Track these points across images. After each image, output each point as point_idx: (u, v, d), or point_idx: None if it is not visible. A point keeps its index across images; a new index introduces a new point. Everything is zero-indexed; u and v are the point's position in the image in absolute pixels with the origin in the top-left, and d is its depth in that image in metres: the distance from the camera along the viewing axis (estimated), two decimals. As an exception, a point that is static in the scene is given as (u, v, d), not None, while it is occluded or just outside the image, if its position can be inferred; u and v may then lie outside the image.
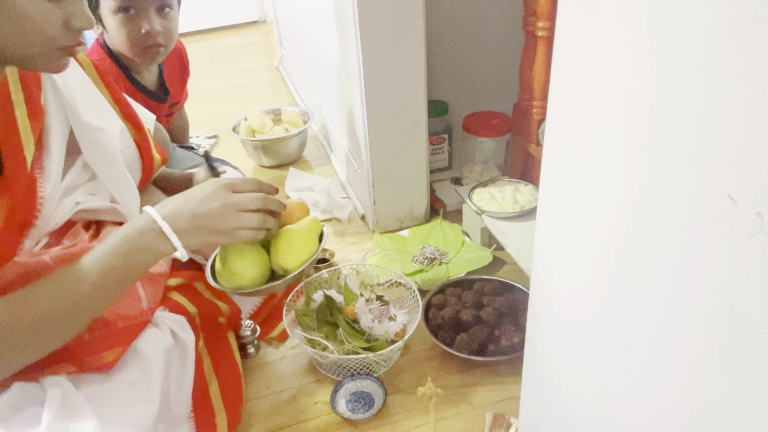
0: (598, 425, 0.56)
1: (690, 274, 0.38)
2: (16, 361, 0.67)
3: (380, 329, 1.05)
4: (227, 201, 0.75)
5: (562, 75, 0.48)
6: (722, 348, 0.37)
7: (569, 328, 0.57)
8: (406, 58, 1.25)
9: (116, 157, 0.91)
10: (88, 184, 0.90)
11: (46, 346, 0.69)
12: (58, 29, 0.68)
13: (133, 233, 0.71)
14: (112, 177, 0.91)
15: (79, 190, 0.88)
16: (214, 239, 0.76)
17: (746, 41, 0.30)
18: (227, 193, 0.76)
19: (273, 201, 0.81)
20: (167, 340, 0.84)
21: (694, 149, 0.35)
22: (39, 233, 0.81)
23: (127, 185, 0.94)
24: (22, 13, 0.65)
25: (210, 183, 0.76)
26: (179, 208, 0.74)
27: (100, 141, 0.88)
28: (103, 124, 0.89)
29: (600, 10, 0.41)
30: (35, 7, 0.65)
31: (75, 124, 0.86)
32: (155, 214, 0.72)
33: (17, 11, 0.64)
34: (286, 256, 0.89)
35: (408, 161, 1.39)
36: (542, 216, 0.58)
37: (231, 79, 2.80)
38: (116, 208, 0.92)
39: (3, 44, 0.67)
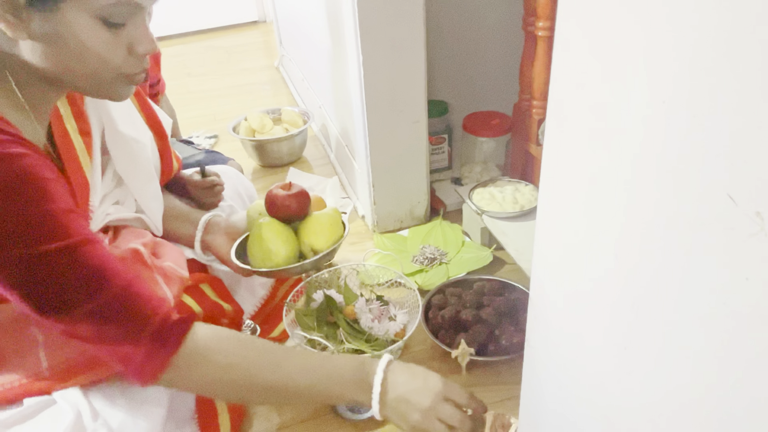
0: (598, 425, 0.56)
1: (690, 274, 0.38)
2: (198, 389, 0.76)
3: (380, 329, 1.05)
4: (436, 407, 0.75)
5: (562, 75, 0.48)
6: (722, 348, 0.37)
7: (569, 328, 0.57)
8: (406, 58, 1.25)
9: (148, 168, 0.92)
10: (114, 192, 0.90)
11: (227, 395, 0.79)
12: (122, 57, 0.67)
13: (354, 383, 0.75)
14: (141, 187, 0.91)
15: (107, 199, 0.88)
16: (399, 423, 0.77)
17: (747, 41, 0.30)
18: (440, 398, 0.76)
19: (477, 425, 0.80)
20: None
21: (694, 149, 0.35)
22: None
23: (155, 195, 0.94)
24: (84, 45, 0.63)
25: (436, 381, 0.77)
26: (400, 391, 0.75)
27: (134, 151, 0.88)
28: (137, 135, 0.90)
29: (600, 10, 0.41)
30: (98, 38, 0.63)
31: (110, 134, 0.85)
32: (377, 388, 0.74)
33: (80, 44, 0.63)
34: (317, 237, 0.97)
35: (408, 161, 1.39)
36: (542, 216, 0.58)
37: (231, 79, 2.79)
38: (141, 217, 0.92)
39: (69, 73, 0.66)
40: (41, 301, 0.62)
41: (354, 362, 0.77)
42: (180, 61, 3.15)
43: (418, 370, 0.77)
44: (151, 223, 0.94)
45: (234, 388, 0.73)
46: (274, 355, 0.75)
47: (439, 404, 0.75)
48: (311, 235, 0.98)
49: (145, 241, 0.87)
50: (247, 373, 0.71)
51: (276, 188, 1.00)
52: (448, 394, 0.76)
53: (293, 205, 0.98)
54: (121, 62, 0.67)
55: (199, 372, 0.70)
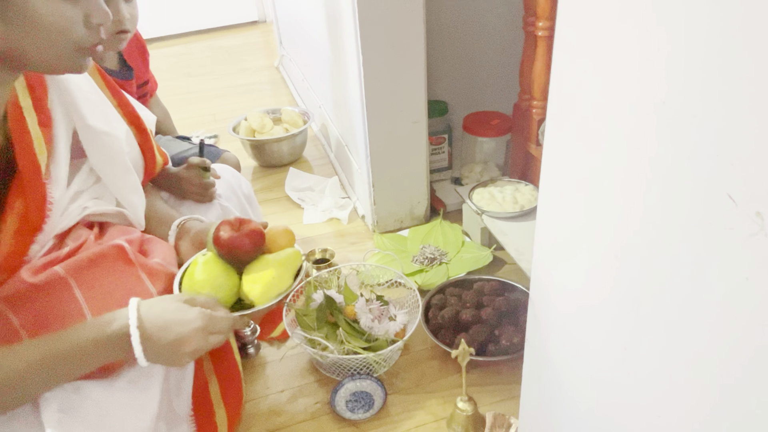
0: (598, 425, 0.56)
1: (690, 273, 0.38)
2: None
3: (380, 329, 1.05)
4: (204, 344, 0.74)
5: (562, 75, 0.48)
6: (722, 348, 0.37)
7: (569, 328, 0.57)
8: (406, 58, 1.25)
9: (122, 161, 0.91)
10: (93, 188, 0.90)
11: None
12: (79, 29, 0.68)
13: (102, 338, 0.70)
14: (117, 180, 0.91)
15: (84, 194, 0.88)
16: (173, 363, 0.75)
17: (746, 42, 0.30)
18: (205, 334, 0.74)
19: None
20: None
21: (694, 149, 0.35)
22: (46, 238, 0.81)
23: (133, 188, 0.94)
24: (42, 17, 0.64)
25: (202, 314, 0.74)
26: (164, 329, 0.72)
27: (106, 144, 0.88)
28: (109, 128, 0.89)
29: (600, 10, 0.41)
30: (54, 10, 0.64)
31: (80, 129, 0.86)
32: (134, 330, 0.70)
33: (37, 16, 0.63)
34: (253, 286, 0.85)
35: (408, 161, 1.39)
36: (542, 216, 0.58)
37: (231, 79, 2.80)
38: (122, 211, 0.92)
39: (27, 50, 0.66)
40: None
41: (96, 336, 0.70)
42: (180, 61, 3.15)
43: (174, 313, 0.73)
44: (132, 216, 0.93)
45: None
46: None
47: (207, 343, 0.74)
48: (248, 282, 0.85)
49: (131, 238, 0.86)
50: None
51: (225, 225, 0.88)
52: (213, 328, 0.75)
53: (241, 246, 0.86)
54: (79, 34, 0.68)
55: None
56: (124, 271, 0.81)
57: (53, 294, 0.75)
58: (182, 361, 0.74)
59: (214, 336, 0.75)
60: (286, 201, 1.69)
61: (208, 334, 0.74)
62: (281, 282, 0.87)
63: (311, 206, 1.63)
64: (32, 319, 0.74)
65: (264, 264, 0.87)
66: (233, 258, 0.87)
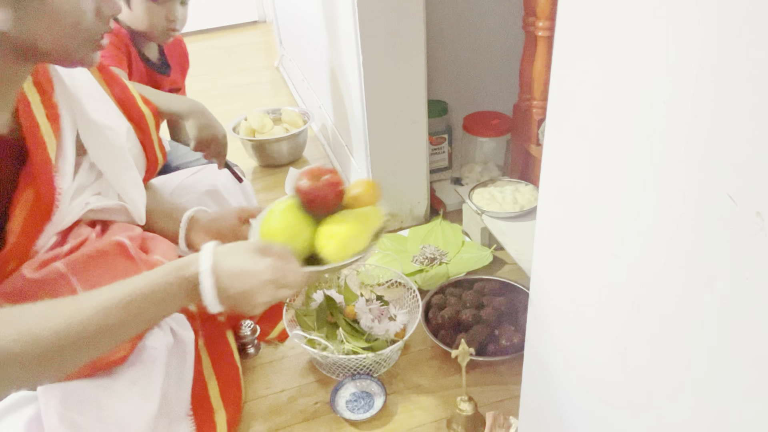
0: (598, 425, 0.56)
1: (690, 274, 0.38)
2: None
3: (380, 329, 1.05)
4: (273, 295, 0.71)
5: (562, 75, 0.48)
6: (722, 349, 0.37)
7: (569, 329, 0.57)
8: (406, 58, 1.25)
9: (124, 155, 0.91)
10: (94, 184, 0.90)
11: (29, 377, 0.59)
12: (91, 19, 0.69)
13: (178, 280, 0.67)
14: (118, 175, 0.91)
15: (87, 190, 0.88)
16: (243, 311, 0.72)
17: (746, 42, 0.30)
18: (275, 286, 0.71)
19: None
20: (168, 339, 0.84)
21: (694, 149, 0.35)
22: (53, 229, 0.82)
23: (134, 183, 0.94)
24: (55, 6, 0.65)
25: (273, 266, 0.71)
26: (236, 277, 0.69)
27: (108, 139, 0.88)
28: (110, 123, 0.90)
29: (600, 10, 0.41)
30: (68, 1, 0.66)
31: (82, 123, 0.86)
32: (208, 275, 0.67)
33: (52, 7, 0.65)
34: (327, 241, 0.81)
35: (408, 161, 1.39)
36: (542, 216, 0.58)
37: (231, 79, 2.80)
38: (124, 206, 0.92)
39: (40, 40, 0.67)
40: None
41: (169, 278, 0.66)
42: (180, 61, 3.15)
43: (246, 263, 0.70)
44: (133, 211, 0.93)
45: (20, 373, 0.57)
46: (55, 321, 0.59)
47: (276, 295, 0.71)
48: (325, 237, 0.82)
49: (133, 235, 0.86)
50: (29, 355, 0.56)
51: (305, 174, 0.85)
52: (283, 281, 0.72)
53: (322, 196, 0.83)
54: (91, 24, 0.69)
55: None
56: (126, 267, 0.81)
57: (54, 290, 0.75)
58: (253, 310, 0.71)
59: (284, 290, 0.72)
60: (286, 201, 1.69)
61: (278, 287, 0.71)
62: (358, 241, 0.82)
63: (311, 206, 1.63)
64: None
65: (342, 219, 0.83)
66: (312, 208, 0.84)
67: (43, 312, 0.59)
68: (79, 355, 0.61)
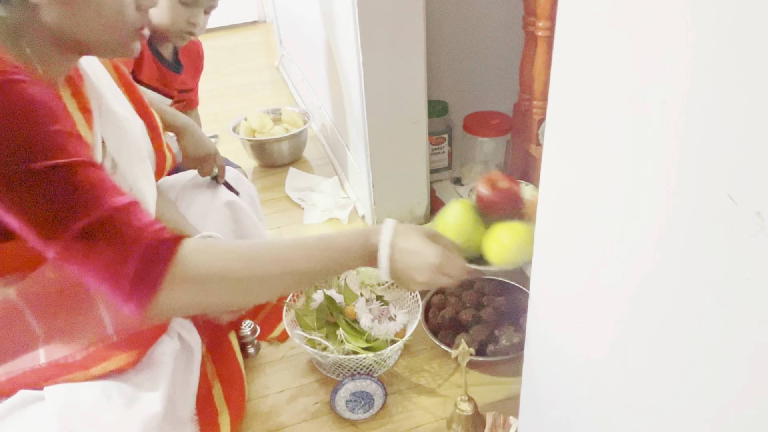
0: (597, 425, 0.56)
1: (690, 274, 0.38)
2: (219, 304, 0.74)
3: (380, 329, 1.05)
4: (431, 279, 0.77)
5: (562, 75, 0.48)
6: (722, 349, 0.37)
7: (569, 329, 0.57)
8: (406, 58, 1.25)
9: (139, 147, 0.92)
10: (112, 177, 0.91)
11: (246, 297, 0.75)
12: (132, 11, 0.72)
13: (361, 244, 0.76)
14: (132, 166, 0.92)
15: None
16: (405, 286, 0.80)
17: (746, 42, 0.30)
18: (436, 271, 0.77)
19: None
20: (175, 344, 0.84)
21: (693, 149, 0.35)
22: None
23: (147, 176, 0.94)
24: (101, 2, 0.68)
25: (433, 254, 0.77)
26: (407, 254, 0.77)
27: (126, 129, 0.89)
28: (128, 115, 0.91)
29: (600, 10, 0.41)
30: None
31: (104, 114, 0.87)
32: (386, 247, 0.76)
33: (97, 1, 0.68)
34: (493, 245, 0.88)
35: (408, 161, 1.39)
36: (542, 216, 0.58)
37: (231, 79, 2.79)
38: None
39: (84, 32, 0.70)
40: (38, 221, 0.62)
41: (356, 240, 0.77)
42: (180, 61, 3.15)
43: (418, 244, 0.77)
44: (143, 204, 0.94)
45: (221, 298, 0.70)
46: (273, 251, 0.72)
47: (434, 278, 0.77)
48: (492, 241, 0.88)
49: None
50: (248, 274, 0.69)
51: (485, 181, 0.93)
52: (444, 269, 0.77)
53: (499, 205, 0.90)
54: (132, 17, 0.72)
55: (196, 284, 0.66)
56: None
57: (71, 292, 0.75)
58: (413, 287, 0.79)
59: (444, 277, 0.77)
60: (286, 201, 1.69)
61: (439, 273, 0.76)
62: (522, 250, 0.87)
63: (311, 206, 1.63)
64: (47, 316, 0.75)
65: (512, 227, 0.89)
66: (486, 213, 0.91)
67: (268, 246, 0.73)
68: (281, 284, 0.74)
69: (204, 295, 0.67)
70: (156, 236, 0.65)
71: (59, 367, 0.74)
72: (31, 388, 0.73)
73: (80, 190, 0.63)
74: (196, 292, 0.66)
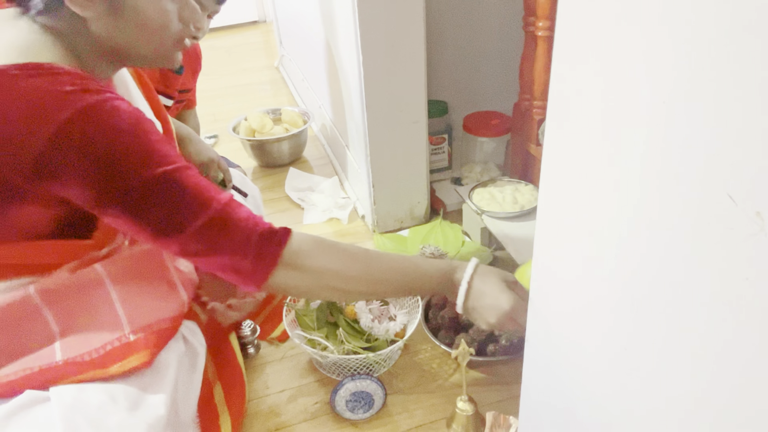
0: (598, 425, 0.56)
1: (690, 274, 0.38)
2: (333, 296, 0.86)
3: (380, 329, 1.05)
4: (499, 324, 0.84)
5: (562, 75, 0.48)
6: (722, 348, 0.37)
7: (569, 328, 0.57)
8: (406, 58, 1.25)
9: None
10: None
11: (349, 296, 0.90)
12: (176, 23, 0.75)
13: (446, 276, 0.85)
14: None
15: None
16: (476, 321, 0.88)
17: (746, 41, 0.30)
18: (506, 318, 0.84)
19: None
20: (180, 346, 0.84)
21: (694, 149, 0.35)
22: None
23: None
24: (148, 13, 0.71)
25: (507, 301, 0.83)
26: (475, 303, 0.85)
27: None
28: (151, 116, 0.92)
29: (600, 10, 0.41)
30: (156, 4, 0.71)
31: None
32: (465, 284, 0.84)
33: (144, 15, 0.71)
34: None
35: (408, 161, 1.39)
36: (542, 216, 0.58)
37: (231, 79, 2.79)
38: None
39: (133, 45, 0.73)
40: (158, 223, 0.69)
41: (442, 269, 0.85)
42: (180, 61, 3.15)
43: (495, 288, 0.84)
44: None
45: (330, 288, 0.80)
46: (366, 259, 0.83)
47: (503, 323, 0.84)
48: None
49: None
50: (342, 275, 0.80)
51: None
52: (514, 315, 0.83)
53: None
54: (176, 28, 0.75)
55: (299, 272, 0.77)
56: (160, 274, 0.83)
57: (88, 291, 0.76)
58: (483, 325, 0.86)
59: (512, 323, 0.83)
60: (286, 201, 1.69)
61: (509, 319, 0.83)
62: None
63: (311, 206, 1.63)
64: (65, 315, 0.75)
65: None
66: None
67: (377, 256, 0.85)
68: (380, 290, 0.86)
69: (311, 280, 0.78)
70: (265, 226, 0.75)
71: (76, 365, 0.74)
72: (45, 387, 0.74)
73: (190, 191, 0.70)
74: (302, 277, 0.77)
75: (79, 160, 0.64)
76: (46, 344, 0.75)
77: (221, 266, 0.74)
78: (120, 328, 0.76)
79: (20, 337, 0.74)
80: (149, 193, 0.67)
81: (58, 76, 0.65)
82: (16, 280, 0.75)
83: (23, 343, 0.74)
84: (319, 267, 0.78)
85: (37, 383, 0.73)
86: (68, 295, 0.76)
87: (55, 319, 0.75)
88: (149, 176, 0.67)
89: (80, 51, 0.72)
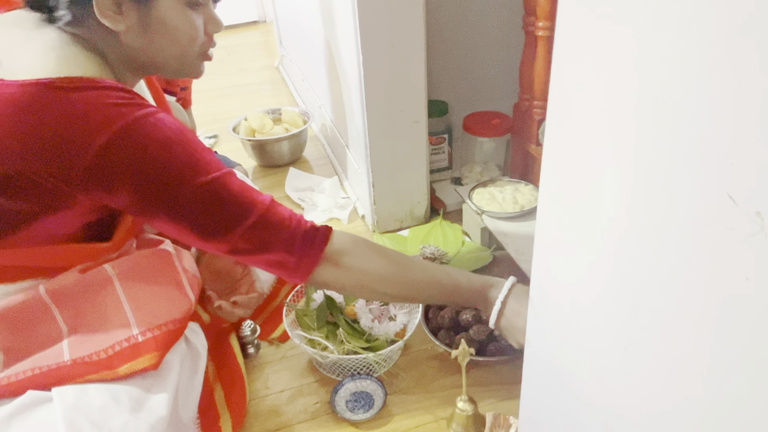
0: (598, 425, 0.56)
1: (690, 274, 0.38)
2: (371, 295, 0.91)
3: (380, 329, 1.05)
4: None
5: (562, 75, 0.48)
6: (722, 348, 0.37)
7: (569, 328, 0.57)
8: (406, 58, 1.25)
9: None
10: None
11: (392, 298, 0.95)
12: (201, 36, 0.77)
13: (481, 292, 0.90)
14: None
15: None
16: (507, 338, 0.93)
17: (746, 41, 0.30)
18: None
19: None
20: (182, 347, 0.84)
21: (694, 149, 0.35)
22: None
23: None
24: (176, 27, 0.74)
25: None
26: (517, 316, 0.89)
27: None
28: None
29: (600, 10, 0.41)
30: (185, 18, 0.74)
31: None
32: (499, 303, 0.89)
33: (172, 26, 0.73)
34: None
35: (408, 161, 1.39)
36: (542, 216, 0.58)
37: (231, 79, 2.79)
38: None
39: (161, 57, 0.76)
40: (208, 227, 0.73)
41: (477, 285, 0.89)
42: (180, 61, 3.15)
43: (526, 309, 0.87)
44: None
45: (364, 287, 0.85)
46: (403, 264, 0.87)
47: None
48: None
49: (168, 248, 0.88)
50: (377, 276, 0.85)
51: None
52: None
53: None
54: (202, 41, 0.78)
55: (339, 269, 0.82)
56: (168, 275, 0.83)
57: (97, 291, 0.77)
58: (514, 343, 0.91)
59: None
60: (286, 201, 1.69)
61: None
62: None
63: (311, 206, 1.63)
64: (74, 314, 0.76)
65: None
66: None
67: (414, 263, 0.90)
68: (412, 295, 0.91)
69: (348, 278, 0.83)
70: (307, 224, 0.81)
71: (84, 365, 0.74)
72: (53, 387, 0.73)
73: (237, 195, 0.74)
74: (341, 273, 0.82)
75: (130, 170, 0.67)
76: (54, 343, 0.75)
77: (268, 262, 0.78)
78: (128, 328, 0.76)
79: (29, 337, 0.75)
80: (200, 199, 0.71)
81: (105, 90, 0.67)
82: (31, 281, 0.75)
83: (32, 343, 0.74)
84: (358, 266, 0.83)
85: (44, 383, 0.73)
86: (77, 295, 0.76)
87: (64, 318, 0.75)
88: (199, 183, 0.70)
89: (111, 61, 0.74)
